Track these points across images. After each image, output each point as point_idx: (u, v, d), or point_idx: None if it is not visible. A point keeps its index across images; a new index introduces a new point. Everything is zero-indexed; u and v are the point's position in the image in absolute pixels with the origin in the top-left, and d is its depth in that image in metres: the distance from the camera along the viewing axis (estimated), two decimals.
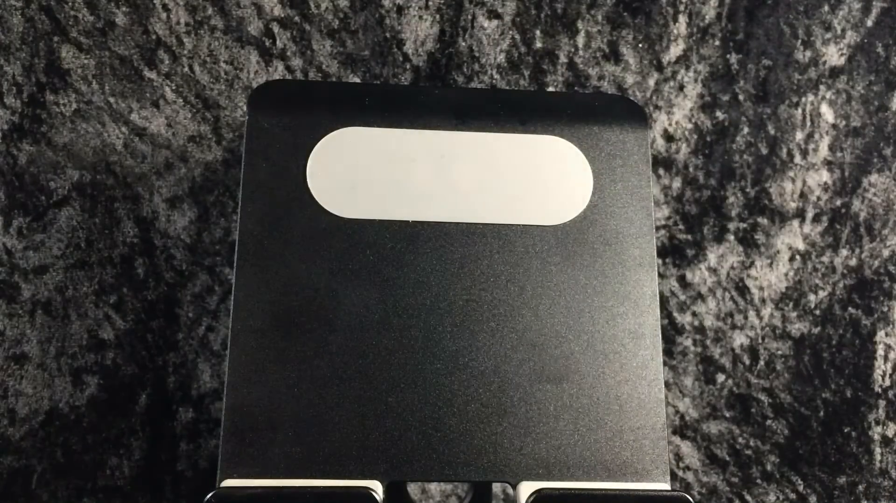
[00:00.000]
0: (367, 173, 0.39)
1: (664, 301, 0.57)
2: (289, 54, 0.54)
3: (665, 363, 0.57)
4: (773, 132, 0.58)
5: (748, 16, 0.57)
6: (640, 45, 0.56)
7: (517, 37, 0.56)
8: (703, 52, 0.57)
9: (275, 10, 0.54)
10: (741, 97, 0.57)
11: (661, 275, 0.57)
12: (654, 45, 0.56)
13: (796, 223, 0.58)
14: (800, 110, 0.58)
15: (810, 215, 0.58)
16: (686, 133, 0.57)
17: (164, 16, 0.54)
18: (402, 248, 0.38)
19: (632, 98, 0.56)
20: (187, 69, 0.54)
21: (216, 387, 0.55)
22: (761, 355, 0.58)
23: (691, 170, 0.57)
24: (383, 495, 0.34)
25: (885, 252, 0.59)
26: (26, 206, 0.54)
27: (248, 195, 0.38)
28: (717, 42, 0.57)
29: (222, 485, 0.34)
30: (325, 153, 0.39)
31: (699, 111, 0.57)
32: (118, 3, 0.53)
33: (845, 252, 0.58)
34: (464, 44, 0.55)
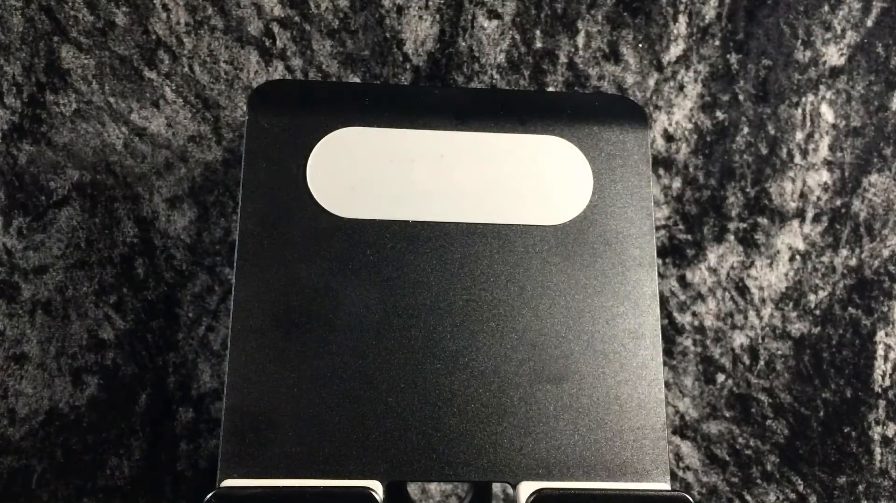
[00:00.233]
0: (367, 173, 0.39)
1: (664, 301, 0.57)
2: (289, 54, 0.54)
3: (665, 363, 0.57)
4: (773, 132, 0.58)
5: (748, 16, 0.57)
6: (640, 45, 0.56)
7: (517, 37, 0.56)
8: (703, 52, 0.57)
9: (275, 10, 0.54)
10: (741, 97, 0.57)
11: (661, 275, 0.57)
12: (654, 45, 0.56)
13: (796, 223, 0.58)
14: (800, 110, 0.58)
15: (810, 215, 0.58)
16: (686, 133, 0.57)
17: (164, 16, 0.54)
18: (402, 247, 0.38)
19: (632, 98, 0.56)
20: (187, 69, 0.54)
21: (216, 387, 0.55)
22: (761, 355, 0.58)
23: (691, 170, 0.57)
24: (383, 495, 0.34)
25: (885, 252, 0.59)
26: (26, 206, 0.54)
27: (248, 195, 0.38)
28: (717, 42, 0.57)
29: (222, 485, 0.34)
30: (325, 153, 0.39)
31: (699, 111, 0.57)
32: (118, 3, 0.53)
33: (845, 252, 0.58)
34: (464, 44, 0.55)
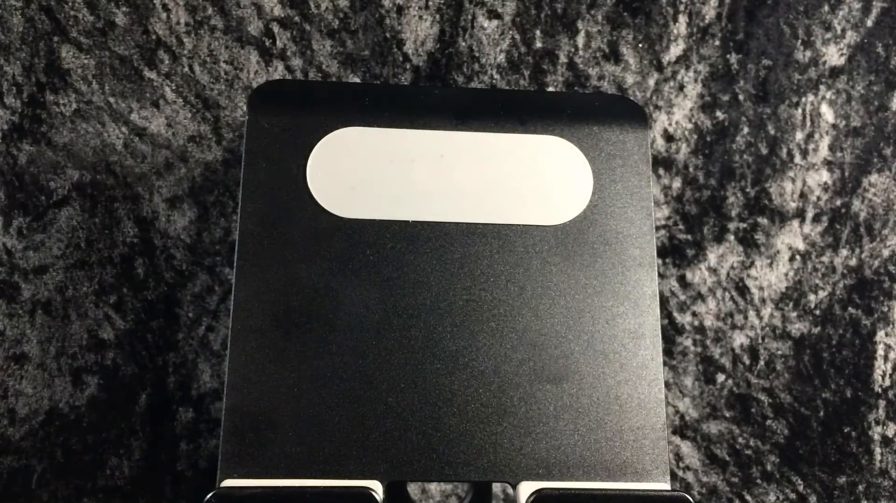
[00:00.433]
0: (367, 173, 0.39)
1: (664, 301, 0.57)
2: (289, 54, 0.54)
3: (665, 363, 0.57)
4: (773, 132, 0.58)
5: (748, 16, 0.57)
6: (640, 45, 0.56)
7: (517, 37, 0.56)
8: (703, 52, 0.57)
9: (275, 10, 0.54)
10: (741, 97, 0.57)
11: (661, 275, 0.57)
12: (654, 45, 0.56)
13: (796, 223, 0.58)
14: (800, 110, 0.58)
15: (810, 215, 0.58)
16: (686, 133, 0.57)
17: (164, 16, 0.54)
18: (402, 247, 0.38)
19: (632, 98, 0.56)
20: (187, 69, 0.54)
21: (216, 387, 0.55)
22: (761, 355, 0.58)
23: (691, 170, 0.57)
24: (383, 495, 0.34)
25: (885, 252, 0.59)
26: (26, 206, 0.54)
27: (248, 195, 0.38)
28: (717, 42, 0.57)
29: (222, 485, 0.34)
30: (325, 153, 0.39)
31: (699, 111, 0.57)
32: (118, 3, 0.53)
33: (845, 252, 0.58)
34: (464, 44, 0.55)
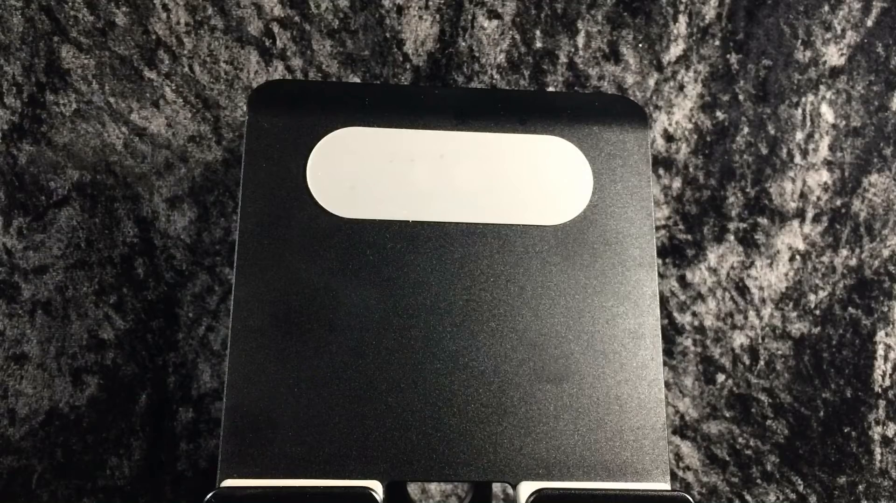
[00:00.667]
0: (367, 173, 0.39)
1: (664, 301, 0.57)
2: (289, 54, 0.54)
3: (665, 363, 0.57)
4: (773, 132, 0.57)
5: (748, 16, 0.57)
6: (640, 45, 0.56)
7: (517, 37, 0.56)
8: (703, 52, 0.57)
9: (275, 10, 0.54)
10: (741, 97, 0.57)
11: (661, 275, 0.57)
12: (654, 45, 0.56)
13: (796, 223, 0.58)
14: (800, 110, 0.58)
15: (810, 215, 0.58)
16: (686, 133, 0.57)
17: (164, 16, 0.54)
18: (402, 248, 0.38)
19: (632, 98, 0.56)
20: (187, 69, 0.54)
21: (216, 387, 0.55)
22: (761, 355, 0.58)
23: (691, 170, 0.57)
24: (383, 495, 0.34)
25: (885, 252, 0.59)
26: (26, 206, 0.54)
27: (248, 195, 0.38)
28: (717, 42, 0.57)
29: (222, 485, 0.34)
30: (325, 153, 0.39)
31: (699, 111, 0.57)
32: (118, 3, 0.53)
33: (845, 252, 0.58)
34: (464, 44, 0.55)
